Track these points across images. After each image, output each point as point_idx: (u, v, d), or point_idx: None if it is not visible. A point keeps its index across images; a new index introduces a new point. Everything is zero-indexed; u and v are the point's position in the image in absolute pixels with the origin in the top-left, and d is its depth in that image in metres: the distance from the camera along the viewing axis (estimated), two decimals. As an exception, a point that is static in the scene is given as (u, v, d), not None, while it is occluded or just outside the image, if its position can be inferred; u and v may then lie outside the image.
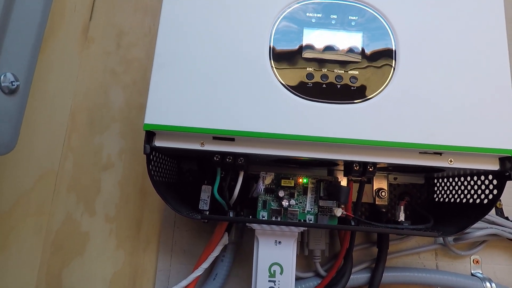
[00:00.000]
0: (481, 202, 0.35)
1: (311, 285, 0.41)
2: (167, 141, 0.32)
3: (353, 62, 0.33)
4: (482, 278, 0.42)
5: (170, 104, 0.32)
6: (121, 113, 0.49)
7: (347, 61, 0.33)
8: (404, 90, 0.32)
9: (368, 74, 0.33)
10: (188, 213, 0.36)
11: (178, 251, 0.44)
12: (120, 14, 0.53)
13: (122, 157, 0.47)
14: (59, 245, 0.45)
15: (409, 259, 0.44)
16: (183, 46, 0.33)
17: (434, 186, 0.44)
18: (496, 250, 0.44)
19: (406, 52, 0.33)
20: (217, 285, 0.41)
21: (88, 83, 0.50)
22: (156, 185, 0.33)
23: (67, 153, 0.48)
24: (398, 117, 0.32)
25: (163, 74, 0.33)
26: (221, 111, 0.32)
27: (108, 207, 0.46)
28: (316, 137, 0.31)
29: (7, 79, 0.29)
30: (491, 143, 0.31)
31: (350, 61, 0.33)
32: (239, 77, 0.32)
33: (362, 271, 0.42)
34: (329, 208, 0.37)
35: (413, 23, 0.34)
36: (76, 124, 0.49)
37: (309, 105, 0.32)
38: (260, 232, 0.36)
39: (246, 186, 0.38)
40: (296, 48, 0.34)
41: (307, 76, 0.33)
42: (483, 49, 0.33)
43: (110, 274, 0.44)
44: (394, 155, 0.32)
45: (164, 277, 0.44)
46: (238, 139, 0.32)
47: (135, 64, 0.51)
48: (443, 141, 0.31)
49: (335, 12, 0.34)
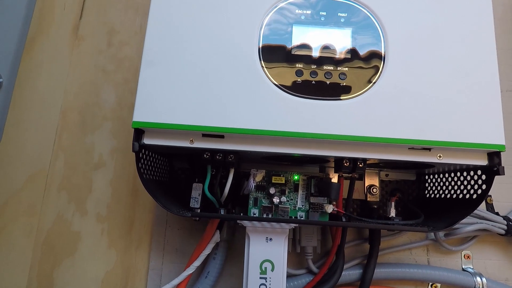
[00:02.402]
0: (470, 197, 0.35)
1: (303, 282, 0.41)
2: (156, 139, 0.32)
3: (343, 58, 0.33)
4: (473, 273, 0.43)
5: (159, 102, 0.32)
6: (112, 112, 0.49)
7: (336, 58, 0.33)
8: (393, 86, 0.33)
9: (357, 70, 0.33)
10: (179, 211, 0.36)
11: (170, 250, 0.44)
12: (111, 12, 0.52)
13: (114, 156, 0.47)
14: (51, 245, 0.44)
15: (401, 255, 0.44)
16: (172, 43, 0.33)
17: (425, 182, 0.44)
18: (486, 245, 0.45)
19: (395, 48, 0.33)
20: (209, 283, 0.41)
21: (79, 82, 0.50)
22: (145, 183, 0.33)
23: (58, 153, 0.47)
24: (387, 113, 0.32)
25: (151, 71, 0.32)
26: (210, 108, 0.32)
27: (99, 207, 0.46)
28: (306, 134, 0.31)
29: (-11, 76, 0.28)
30: (480, 138, 0.32)
31: (339, 58, 0.33)
32: (228, 74, 0.32)
33: (354, 267, 0.42)
34: (320, 205, 0.37)
35: (402, 20, 0.34)
36: (67, 123, 0.48)
37: (298, 102, 0.32)
38: (251, 229, 0.36)
39: (237, 184, 0.38)
40: (285, 44, 0.34)
41: (296, 73, 0.33)
42: (472, 45, 0.34)
43: (102, 273, 0.44)
44: (384, 151, 0.32)
45: (156, 276, 0.44)
46: (227, 136, 0.32)
47: (126, 62, 0.51)
48: (432, 137, 0.31)
49: (324, 9, 0.34)
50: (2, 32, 0.29)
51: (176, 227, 0.45)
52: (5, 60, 0.29)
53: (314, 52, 0.34)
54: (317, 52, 0.34)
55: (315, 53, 0.34)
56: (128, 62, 0.51)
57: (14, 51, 0.30)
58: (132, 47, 0.51)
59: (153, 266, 0.44)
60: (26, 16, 0.31)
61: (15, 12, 0.31)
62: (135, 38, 0.51)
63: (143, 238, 0.45)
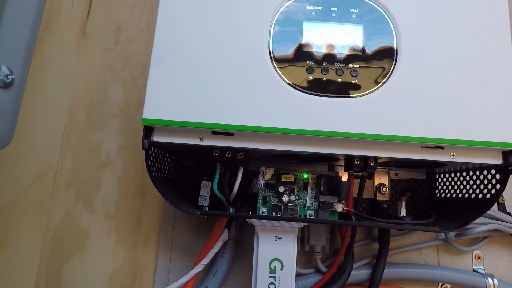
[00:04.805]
0: (483, 197, 0.34)
1: (312, 281, 0.40)
2: (166, 136, 0.32)
3: (354, 55, 0.33)
4: (484, 274, 0.42)
5: (168, 99, 0.31)
6: (120, 109, 0.49)
7: (347, 55, 0.33)
8: (406, 83, 0.32)
9: (369, 67, 0.33)
10: (188, 209, 0.35)
11: (178, 247, 0.44)
12: (118, 10, 0.52)
13: (121, 154, 0.47)
14: (59, 242, 0.44)
15: (411, 255, 0.44)
16: (181, 41, 0.33)
17: (436, 182, 0.43)
18: (498, 245, 0.44)
19: (408, 45, 0.33)
20: (217, 282, 0.41)
21: (86, 80, 0.50)
22: (155, 181, 0.33)
23: (66, 150, 0.47)
24: (400, 111, 0.31)
25: (161, 69, 0.32)
26: (220, 105, 0.31)
27: (107, 204, 0.46)
28: (316, 131, 0.31)
29: (2, 73, 0.28)
30: (494, 136, 0.31)
31: (350, 55, 0.33)
32: (238, 71, 0.32)
33: (363, 267, 0.41)
34: (329, 204, 0.37)
35: (414, 16, 0.34)
36: (75, 121, 0.48)
37: (309, 99, 0.32)
38: (260, 227, 0.35)
39: (246, 182, 0.38)
40: (296, 41, 0.33)
41: (307, 69, 0.32)
42: (486, 41, 0.33)
43: (109, 271, 0.44)
44: (396, 150, 0.32)
45: (164, 274, 0.43)
46: (237, 134, 0.32)
47: (133, 60, 0.50)
48: (445, 135, 0.31)
49: (335, 5, 0.34)
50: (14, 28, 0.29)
51: (183, 225, 0.45)
52: (17, 56, 0.29)
53: (325, 49, 0.33)
54: (327, 49, 0.33)
55: (326, 50, 0.33)
56: (135, 60, 0.50)
57: (25, 48, 0.30)
58: (139, 44, 0.51)
59: (161, 264, 0.44)
60: (38, 13, 0.31)
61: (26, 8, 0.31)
62: (142, 36, 0.51)
63: (150, 235, 0.45)
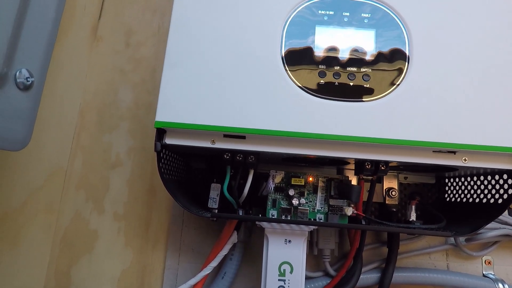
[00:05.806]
0: (495, 202, 0.34)
1: (321, 284, 0.40)
2: (178, 139, 0.32)
3: (366, 60, 0.33)
4: (495, 279, 0.42)
5: (181, 102, 0.32)
6: (129, 111, 0.49)
7: (359, 59, 0.33)
8: (418, 88, 0.32)
9: (381, 71, 0.33)
10: (198, 211, 0.36)
11: (186, 249, 0.44)
12: (129, 13, 0.53)
13: (131, 156, 0.47)
14: (68, 242, 0.45)
15: (420, 259, 0.44)
16: (194, 44, 0.33)
17: (445, 186, 0.43)
18: (508, 251, 0.44)
19: (420, 49, 0.33)
20: (225, 284, 0.41)
21: (97, 82, 0.50)
22: (166, 183, 0.33)
23: (76, 152, 0.48)
24: (412, 115, 0.31)
25: (174, 72, 0.32)
26: (232, 108, 0.32)
27: (116, 205, 0.46)
28: (328, 135, 0.31)
29: (22, 75, 0.29)
30: (507, 141, 0.31)
31: (362, 59, 0.33)
32: (250, 74, 0.32)
33: (372, 271, 0.41)
34: (339, 207, 0.37)
35: (426, 20, 0.34)
36: (85, 122, 0.49)
37: (321, 103, 0.32)
38: (270, 230, 0.36)
39: (255, 185, 0.38)
40: (308, 45, 0.33)
41: (319, 74, 0.33)
42: (498, 46, 0.33)
43: (118, 272, 0.44)
44: (407, 154, 0.32)
45: (172, 276, 0.44)
46: (249, 137, 0.32)
47: (143, 63, 0.51)
48: (457, 140, 0.31)
49: (347, 10, 0.34)
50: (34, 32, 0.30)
51: (192, 227, 0.45)
52: (37, 59, 0.30)
53: (337, 53, 0.33)
54: (340, 53, 0.33)
55: (338, 54, 0.33)
56: (145, 63, 0.51)
57: (45, 51, 0.31)
58: (150, 48, 0.51)
59: (169, 265, 0.44)
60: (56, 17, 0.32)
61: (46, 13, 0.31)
62: (153, 39, 0.52)
63: (159, 237, 0.45)
